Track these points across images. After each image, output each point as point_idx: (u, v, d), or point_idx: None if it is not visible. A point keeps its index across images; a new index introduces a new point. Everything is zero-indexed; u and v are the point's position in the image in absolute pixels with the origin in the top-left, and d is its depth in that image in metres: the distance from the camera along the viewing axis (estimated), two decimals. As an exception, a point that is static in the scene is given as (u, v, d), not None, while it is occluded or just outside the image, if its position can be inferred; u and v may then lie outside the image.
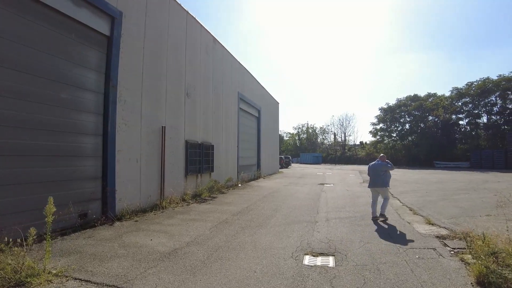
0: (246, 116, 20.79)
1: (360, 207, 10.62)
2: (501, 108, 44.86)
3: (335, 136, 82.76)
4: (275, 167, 31.07)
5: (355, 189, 16.67)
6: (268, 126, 27.57)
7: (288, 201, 11.94)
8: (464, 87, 48.59)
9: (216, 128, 15.00)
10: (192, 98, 12.56)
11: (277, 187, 16.80)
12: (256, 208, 10.22)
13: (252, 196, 13.19)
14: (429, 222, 8.27)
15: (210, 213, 9.25)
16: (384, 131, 61.06)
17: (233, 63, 17.82)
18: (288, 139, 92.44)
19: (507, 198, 12.25)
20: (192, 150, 12.39)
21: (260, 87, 24.51)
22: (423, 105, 53.69)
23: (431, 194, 14.18)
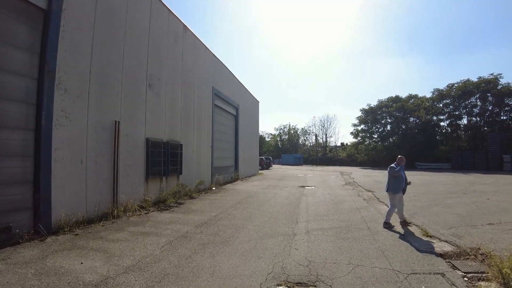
0: (223, 114, 19.34)
1: (344, 215, 9.39)
2: (481, 109, 44.98)
3: (317, 137, 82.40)
4: (255, 168, 29.72)
5: (338, 192, 15.53)
6: (248, 125, 26.21)
7: (265, 207, 10.59)
8: (445, 89, 48.52)
9: (186, 125, 13.50)
10: (155, 91, 11.04)
11: (255, 191, 15.43)
12: (226, 217, 8.80)
13: (224, 201, 11.77)
14: (426, 234, 7.12)
15: (170, 224, 7.78)
16: (365, 132, 60.57)
17: (207, 56, 16.36)
18: (270, 140, 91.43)
19: (501, 202, 11.56)
20: (155, 150, 10.87)
21: (238, 84, 23.11)
22: (404, 106, 53.46)
23: (420, 198, 13.14)
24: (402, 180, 8.16)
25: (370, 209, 10.54)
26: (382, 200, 12.60)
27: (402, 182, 8.15)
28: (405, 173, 8.38)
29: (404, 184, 8.25)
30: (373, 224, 8.20)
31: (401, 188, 8.14)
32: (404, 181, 8.23)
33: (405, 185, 8.27)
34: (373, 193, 15.09)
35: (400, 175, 8.12)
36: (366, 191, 16.14)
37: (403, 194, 8.33)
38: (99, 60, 8.36)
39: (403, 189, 8.21)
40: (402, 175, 8.23)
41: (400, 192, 8.14)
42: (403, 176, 8.26)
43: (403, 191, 8.24)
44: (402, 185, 8.14)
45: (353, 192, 15.82)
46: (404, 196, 8.45)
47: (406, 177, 8.38)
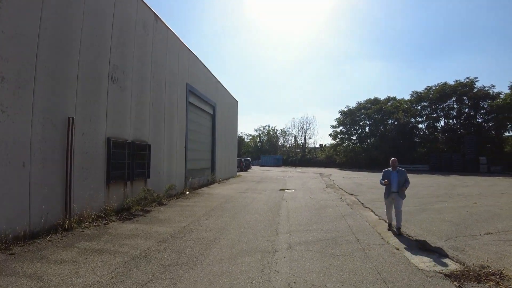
0: (198, 113, 18.17)
1: (329, 224, 8.51)
2: (458, 112, 45.77)
3: (296, 139, 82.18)
4: (233, 170, 28.64)
5: (319, 196, 14.73)
6: (226, 125, 25.12)
7: (242, 215, 9.57)
8: (423, 91, 49.17)
9: (156, 124, 12.31)
10: (120, 84, 9.83)
11: (232, 195, 14.39)
12: (197, 228, 7.72)
13: (197, 208, 10.66)
14: (423, 247, 6.31)
15: (130, 239, 6.64)
16: (344, 134, 60.67)
17: (181, 50, 15.20)
18: (249, 141, 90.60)
19: (489, 207, 11.13)
20: (118, 151, 9.66)
21: (215, 81, 21.98)
22: (383, 108, 53.84)
23: (406, 202, 12.15)
24: (390, 184, 7.90)
25: (356, 217, 9.72)
26: (367, 206, 11.87)
27: (390, 186, 7.90)
28: (400, 176, 7.90)
29: (396, 188, 7.83)
30: (362, 235, 7.33)
31: (389, 192, 7.94)
32: (394, 184, 7.86)
33: (397, 188, 7.83)
34: (356, 197, 14.39)
35: (388, 179, 7.96)
36: (348, 195, 15.44)
37: (401, 198, 7.83)
38: (49, 45, 7.11)
39: (399, 193, 7.82)
40: (392, 178, 7.91)
41: (388, 196, 7.98)
42: (392, 180, 7.90)
43: (400, 195, 7.82)
44: (390, 189, 7.91)
45: (335, 196, 15.06)
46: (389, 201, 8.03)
47: (400, 179, 7.87)
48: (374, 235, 7.42)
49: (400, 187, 7.81)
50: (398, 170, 7.99)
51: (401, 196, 7.84)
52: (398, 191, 7.83)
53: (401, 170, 7.98)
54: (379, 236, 7.29)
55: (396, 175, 7.92)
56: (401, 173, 7.92)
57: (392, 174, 7.98)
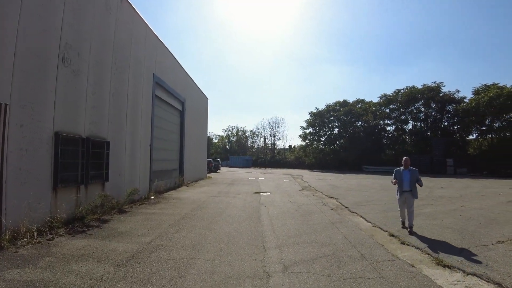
0: (166, 108, 16.50)
1: (321, 234, 7.38)
2: (425, 115, 46.95)
3: (265, 140, 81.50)
4: (203, 172, 27.02)
5: (299, 200, 13.69)
6: (195, 123, 23.49)
7: (218, 224, 8.19)
8: (392, 94, 50.03)
9: (117, 118, 10.63)
10: (73, 67, 8.13)
11: (203, 200, 12.92)
12: (165, 244, 6.26)
13: (165, 217, 9.12)
14: (440, 262, 5.37)
15: (79, 262, 5.07)
16: (313, 135, 60.63)
17: (149, 36, 13.54)
18: (217, 142, 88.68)
19: (480, 210, 10.71)
20: (69, 148, 7.98)
21: (185, 75, 20.33)
22: (352, 111, 54.30)
23: (393, 207, 11.65)
24: (402, 183, 8.01)
25: (347, 224, 8.71)
26: (354, 210, 10.97)
27: (402, 185, 8.01)
28: (412, 175, 7.99)
29: (408, 187, 7.90)
30: (364, 248, 6.25)
31: (401, 192, 8.03)
32: (406, 183, 7.94)
33: (410, 188, 7.89)
34: (338, 201, 13.48)
35: (399, 178, 8.09)
36: (328, 198, 14.52)
37: (413, 198, 7.92)
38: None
39: (412, 192, 7.90)
40: (404, 177, 8.02)
41: (401, 195, 8.05)
42: (404, 179, 8.00)
43: (413, 194, 7.90)
44: (402, 188, 8.00)
45: (315, 199, 14.07)
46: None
47: (412, 178, 7.96)
48: (377, 247, 6.37)
49: (412, 186, 7.85)
50: (410, 169, 8.03)
51: (413, 195, 7.87)
52: (411, 189, 7.85)
53: (413, 169, 8.03)
54: (383, 249, 6.26)
55: (408, 174, 7.96)
56: (413, 172, 7.98)
57: (404, 173, 8.04)
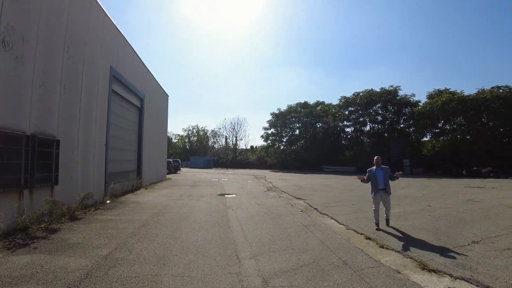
0: (123, 104, 15.28)
1: (296, 239, 6.91)
2: (383, 117, 48.76)
3: (227, 140, 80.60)
4: (162, 173, 25.73)
5: (266, 201, 13.21)
6: (155, 121, 22.23)
7: (184, 232, 7.42)
8: (351, 97, 51.49)
9: (69, 113, 9.45)
10: (15, 53, 6.97)
11: (165, 204, 12.00)
12: (125, 258, 5.41)
13: (123, 224, 8.16)
14: (425, 266, 5.21)
15: (18, 285, 4.17)
16: (275, 136, 61.03)
17: (107, 25, 12.35)
18: (177, 141, 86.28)
19: (447, 210, 10.91)
20: (10, 147, 6.84)
21: (145, 70, 19.11)
22: (313, 112, 55.23)
23: (361, 207, 11.62)
24: (376, 182, 8.19)
25: (321, 227, 8.35)
26: (323, 212, 10.70)
27: (376, 184, 8.20)
28: (385, 173, 8.27)
29: (383, 185, 8.15)
30: (344, 254, 5.88)
31: (375, 190, 8.20)
32: (380, 182, 8.16)
33: (384, 186, 8.16)
34: (305, 202, 13.21)
35: (373, 177, 8.30)
36: (295, 199, 14.20)
37: (389, 195, 8.26)
38: None
39: (386, 190, 8.18)
40: (377, 176, 8.24)
41: (376, 194, 8.21)
42: (378, 177, 8.22)
43: (387, 192, 8.19)
44: (376, 187, 8.18)
45: (282, 200, 13.68)
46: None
47: (386, 176, 8.24)
48: (357, 252, 6.04)
49: (386, 184, 8.14)
50: (382, 167, 8.30)
51: (388, 192, 8.17)
52: (385, 187, 8.13)
53: (384, 168, 8.31)
54: (364, 254, 5.95)
55: (381, 173, 8.22)
56: (385, 170, 8.26)
57: (377, 171, 8.27)
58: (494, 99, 37.46)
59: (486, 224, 8.65)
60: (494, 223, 8.74)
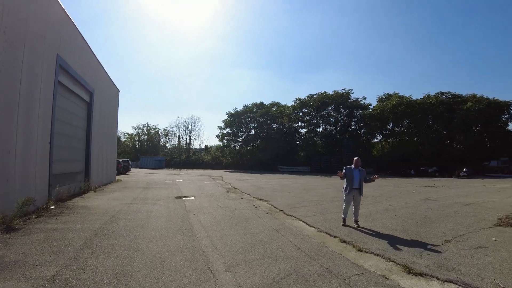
0: (71, 98, 13.74)
1: (271, 246, 6.45)
2: (335, 119, 50.42)
3: (180, 139, 78.34)
4: (112, 174, 23.97)
5: (228, 204, 12.65)
6: (105, 118, 20.57)
7: (144, 243, 6.55)
8: (305, 99, 52.58)
9: (4, 106, 8.06)
10: None
11: (118, 209, 10.89)
12: (77, 279, 4.46)
13: (72, 234, 7.06)
14: (408, 269, 5.12)
15: None
16: (231, 136, 60.45)
17: (54, 7, 10.89)
18: (127, 140, 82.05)
19: (408, 209, 11.21)
20: None
21: (96, 62, 17.51)
22: (268, 113, 55.54)
23: (326, 208, 11.51)
24: (352, 181, 8.42)
25: (292, 230, 8.04)
26: (290, 214, 10.43)
27: (352, 183, 8.42)
28: (361, 174, 8.56)
29: (357, 185, 8.46)
30: (325, 260, 5.58)
31: (350, 189, 8.44)
32: (356, 181, 8.43)
33: (359, 186, 8.49)
34: (269, 203, 12.89)
35: (350, 176, 8.47)
36: (258, 201, 13.81)
37: (361, 195, 8.64)
38: None
39: (360, 190, 8.55)
40: (354, 176, 8.46)
41: (350, 193, 8.46)
42: (355, 177, 8.45)
43: (360, 192, 8.57)
44: (352, 186, 8.43)
45: (245, 202, 13.18)
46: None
47: (362, 177, 8.56)
48: (337, 258, 5.77)
49: (361, 185, 8.51)
50: (360, 169, 8.56)
51: (361, 193, 8.57)
52: (359, 187, 8.48)
53: (362, 169, 8.58)
54: (344, 259, 5.69)
55: (358, 173, 8.48)
56: (362, 172, 8.55)
57: (355, 171, 8.49)
58: (438, 104, 40.45)
59: (451, 222, 8.87)
60: (457, 222, 8.99)
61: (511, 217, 9.28)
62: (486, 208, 11.32)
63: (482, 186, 21.09)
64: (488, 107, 38.38)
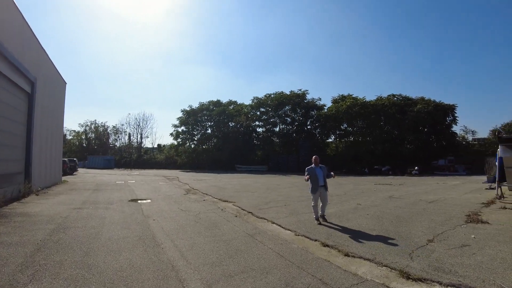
0: (6, 87, 11.80)
1: (249, 254, 5.80)
2: (292, 119, 50.89)
3: (130, 137, 74.57)
4: (57, 175, 21.66)
5: (191, 206, 11.85)
6: (49, 112, 18.41)
7: (99, 257, 5.47)
8: (263, 98, 52.47)
9: None
10: None
11: (65, 215, 9.48)
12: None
13: (6, 251, 5.68)
14: (407, 274, 4.72)
15: None
16: (186, 134, 58.41)
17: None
18: (73, 138, 76.33)
19: (376, 207, 11.03)
20: None
21: (38, 47, 15.49)
22: (225, 111, 54.62)
23: (295, 208, 11.09)
24: (317, 180, 8.57)
25: (267, 234, 7.45)
26: (261, 216, 9.83)
27: (317, 181, 8.57)
28: (323, 171, 8.80)
29: (322, 182, 8.62)
30: (314, 269, 5.04)
31: (317, 187, 8.56)
32: (321, 179, 8.61)
33: (324, 183, 8.67)
34: (234, 205, 12.28)
35: (314, 175, 8.61)
36: (222, 202, 13.12)
37: (327, 191, 8.81)
38: None
39: (325, 187, 8.73)
40: (317, 174, 8.62)
41: (316, 191, 8.58)
42: (318, 175, 8.62)
43: (326, 188, 8.75)
44: (317, 184, 8.56)
45: (208, 204, 12.38)
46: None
47: (324, 174, 8.78)
48: (326, 265, 5.28)
49: (325, 181, 8.71)
50: (321, 166, 8.82)
51: (326, 189, 8.77)
52: (324, 184, 8.68)
53: (322, 166, 8.87)
54: (335, 266, 5.21)
55: (320, 171, 8.73)
56: (323, 169, 8.85)
57: (317, 170, 8.72)
58: (391, 106, 42.36)
59: (424, 221, 8.78)
60: (430, 219, 8.95)
61: (476, 213, 9.52)
62: (450, 205, 11.51)
63: (436, 183, 22.01)
64: (435, 109, 40.89)
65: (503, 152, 12.87)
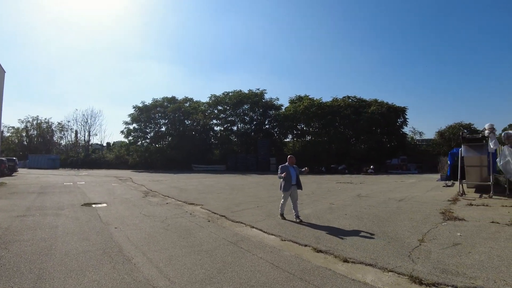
0: None
1: (240, 267, 5.10)
2: (250, 118, 50.52)
3: (77, 135, 69.79)
4: (-8, 176, 19.26)
5: (154, 210, 10.85)
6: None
7: (56, 281, 4.38)
8: (221, 96, 51.51)
9: None
10: None
11: (6, 225, 7.97)
12: None
13: None
14: (418, 280, 4.38)
15: None
16: (138, 132, 55.45)
17: None
18: (11, 136, 69.58)
19: (348, 206, 11.07)
20: None
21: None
22: (181, 108, 52.71)
23: (269, 209, 10.48)
24: (290, 178, 8.71)
25: (251, 241, 6.80)
26: (237, 220, 9.14)
27: (290, 179, 8.71)
28: (297, 170, 9.04)
29: (295, 181, 8.82)
30: (319, 280, 4.52)
31: (289, 185, 8.70)
32: (294, 178, 8.80)
33: (297, 182, 8.88)
34: (203, 208, 11.46)
35: (288, 173, 8.66)
36: (188, 205, 12.26)
37: (298, 189, 8.96)
38: None
39: (297, 185, 8.91)
40: (291, 173, 8.78)
41: (289, 189, 8.69)
42: (292, 174, 8.78)
43: (298, 187, 8.93)
44: (290, 182, 8.72)
45: (173, 208, 11.45)
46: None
47: (297, 173, 9.01)
48: (330, 274, 4.79)
49: (298, 180, 8.89)
50: (294, 166, 9.03)
51: (300, 187, 8.96)
52: (297, 183, 8.86)
53: (295, 166, 9.10)
54: (339, 275, 4.74)
55: (294, 170, 8.94)
56: (296, 169, 9.07)
57: (291, 169, 8.89)
58: (346, 107, 43.57)
59: (404, 220, 8.65)
60: (408, 218, 8.85)
61: (448, 211, 9.62)
62: (419, 203, 11.55)
63: (394, 181, 22.61)
64: (388, 111, 42.82)
65: (465, 152, 13.30)
